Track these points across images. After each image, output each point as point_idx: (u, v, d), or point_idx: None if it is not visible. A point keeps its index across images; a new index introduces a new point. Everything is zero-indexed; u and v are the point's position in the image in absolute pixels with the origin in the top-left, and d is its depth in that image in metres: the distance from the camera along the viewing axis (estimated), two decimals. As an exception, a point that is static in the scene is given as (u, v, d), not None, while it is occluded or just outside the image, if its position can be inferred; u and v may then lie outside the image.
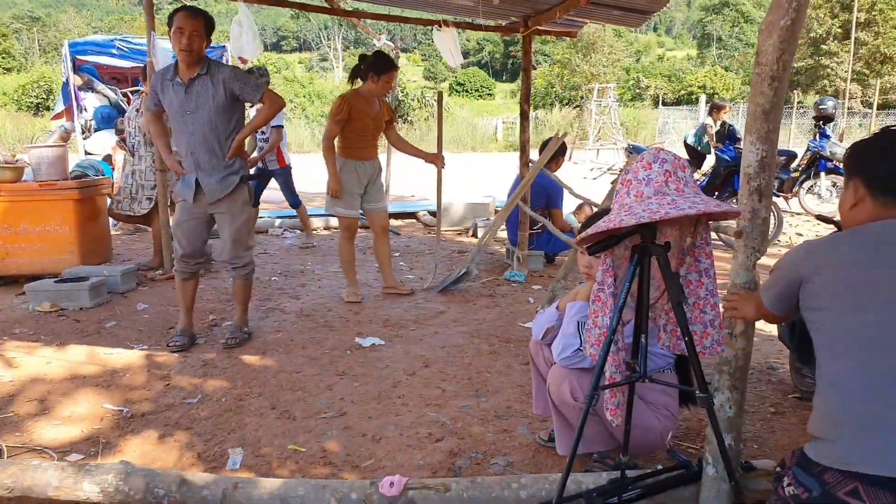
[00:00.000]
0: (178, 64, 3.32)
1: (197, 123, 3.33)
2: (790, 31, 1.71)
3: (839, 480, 1.30)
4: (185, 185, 3.46)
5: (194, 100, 3.30)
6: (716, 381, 1.95)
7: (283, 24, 75.16)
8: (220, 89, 3.32)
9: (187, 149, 3.39)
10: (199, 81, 3.30)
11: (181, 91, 3.31)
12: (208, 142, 3.36)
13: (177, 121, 3.36)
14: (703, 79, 40.67)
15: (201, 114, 3.32)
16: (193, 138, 3.35)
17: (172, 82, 3.33)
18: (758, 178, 1.82)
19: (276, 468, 2.37)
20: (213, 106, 3.32)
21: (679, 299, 1.49)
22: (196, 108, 3.31)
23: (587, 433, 2.16)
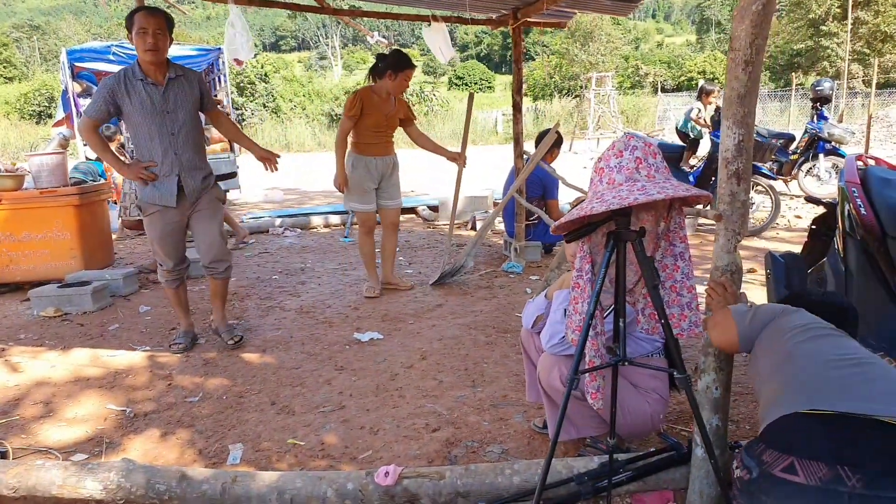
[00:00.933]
0: (140, 66, 3.21)
1: (178, 123, 3.28)
2: (762, 15, 1.73)
3: (776, 458, 1.30)
4: (162, 191, 3.30)
5: (172, 100, 3.25)
6: (702, 362, 1.98)
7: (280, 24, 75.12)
8: (196, 90, 3.35)
9: (167, 150, 3.27)
10: (177, 82, 3.28)
11: (157, 92, 3.21)
12: (193, 141, 3.35)
13: (150, 123, 3.22)
14: (703, 64, 40.47)
15: (182, 113, 3.29)
16: (177, 138, 3.28)
17: (144, 83, 3.20)
18: (735, 162, 1.84)
19: (275, 462, 2.42)
20: (192, 106, 3.34)
21: (654, 283, 1.53)
22: (175, 108, 3.26)
23: (578, 418, 2.20)
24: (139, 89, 3.19)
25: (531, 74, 39.16)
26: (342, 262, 5.81)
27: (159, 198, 3.30)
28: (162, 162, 3.28)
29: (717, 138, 7.33)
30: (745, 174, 1.87)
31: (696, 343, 3.27)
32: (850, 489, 1.17)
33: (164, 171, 3.29)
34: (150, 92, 3.20)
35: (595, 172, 1.56)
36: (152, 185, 3.29)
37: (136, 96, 3.19)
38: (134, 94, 3.19)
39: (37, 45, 56.99)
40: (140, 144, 3.29)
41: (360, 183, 4.41)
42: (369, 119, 4.29)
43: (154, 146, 3.26)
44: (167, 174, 3.29)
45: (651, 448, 2.26)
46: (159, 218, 3.34)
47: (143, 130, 3.24)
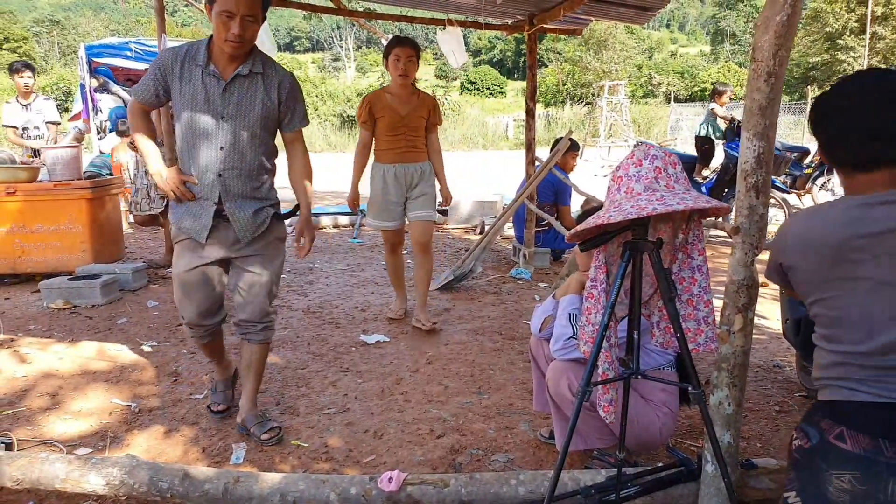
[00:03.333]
0: (210, 48, 2.38)
1: (235, 134, 2.38)
2: (786, 26, 1.70)
3: (831, 427, 1.41)
4: (194, 218, 2.44)
5: (236, 102, 2.37)
6: (714, 378, 1.95)
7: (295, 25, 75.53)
8: (274, 95, 2.43)
9: (208, 167, 2.40)
10: (248, 80, 2.39)
11: (216, 86, 2.35)
12: (248, 161, 2.42)
13: (198, 126, 2.37)
14: (717, 75, 40.34)
15: (243, 122, 2.38)
16: (226, 154, 2.39)
17: (205, 71, 2.36)
18: (755, 175, 1.82)
19: (278, 463, 2.40)
20: (260, 114, 2.41)
21: (671, 295, 1.50)
22: (236, 114, 2.37)
23: (587, 430, 2.17)
24: (195, 76, 2.36)
25: (543, 81, 39.17)
26: (350, 263, 5.80)
27: (187, 226, 2.46)
28: (202, 180, 2.42)
29: (730, 149, 7.29)
30: (764, 187, 1.85)
31: (706, 356, 3.23)
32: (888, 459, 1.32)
33: (201, 193, 2.43)
34: (208, 84, 2.36)
35: (613, 181, 1.53)
36: (186, 205, 2.46)
37: (189, 84, 2.37)
38: (187, 81, 2.37)
39: (56, 40, 57.57)
40: (181, 150, 2.45)
41: (376, 196, 3.86)
42: (383, 121, 3.77)
43: (195, 157, 2.41)
44: (204, 197, 2.43)
45: (659, 462, 2.23)
46: (186, 250, 2.49)
47: (186, 132, 2.40)
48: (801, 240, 1.47)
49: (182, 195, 2.42)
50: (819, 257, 1.41)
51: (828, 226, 1.41)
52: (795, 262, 1.47)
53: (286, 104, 2.47)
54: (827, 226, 1.41)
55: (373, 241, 6.83)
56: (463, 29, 5.47)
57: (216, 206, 2.42)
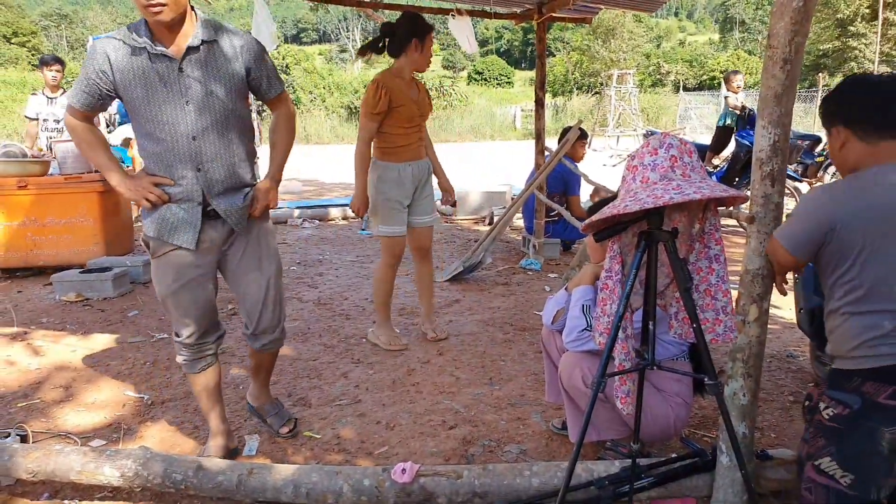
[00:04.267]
0: (147, 26, 1.97)
1: (206, 118, 2.02)
2: (802, 12, 1.67)
3: (878, 389, 1.52)
4: (176, 222, 2.09)
5: (196, 82, 1.99)
6: (729, 368, 1.93)
7: (302, 16, 75.34)
8: (239, 63, 2.07)
9: (184, 162, 2.04)
10: (204, 51, 2.00)
11: (170, 69, 1.97)
12: (228, 145, 2.09)
13: (160, 118, 2.00)
14: (726, 63, 39.97)
15: (213, 101, 2.02)
16: (201, 143, 2.03)
17: (151, 55, 1.96)
18: (770, 163, 1.79)
19: (291, 455, 2.41)
20: (229, 89, 2.05)
21: (687, 285, 1.48)
22: (203, 94, 2.01)
23: (599, 421, 2.16)
24: (141, 62, 1.96)
25: (551, 70, 38.93)
26: (360, 255, 5.80)
27: (170, 233, 2.09)
28: (178, 178, 2.06)
29: (742, 138, 7.22)
30: (779, 176, 1.82)
31: (719, 346, 3.21)
32: None
33: (180, 195, 2.08)
34: (159, 67, 1.97)
35: (628, 170, 1.51)
36: (163, 211, 2.09)
37: (138, 73, 1.96)
38: (134, 71, 1.96)
39: (64, 34, 57.71)
40: (146, 153, 2.08)
41: (389, 199, 3.30)
42: (400, 112, 3.19)
43: (164, 156, 2.04)
44: (185, 198, 2.08)
45: (673, 453, 2.22)
46: (171, 265, 2.13)
47: (147, 129, 2.03)
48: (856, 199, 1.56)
49: (158, 197, 2.05)
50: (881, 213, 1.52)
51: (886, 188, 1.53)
52: (848, 221, 1.53)
53: (256, 69, 2.11)
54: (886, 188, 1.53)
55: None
56: (472, 18, 5.43)
57: (201, 206, 2.09)
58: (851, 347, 1.56)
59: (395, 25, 3.25)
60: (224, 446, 2.37)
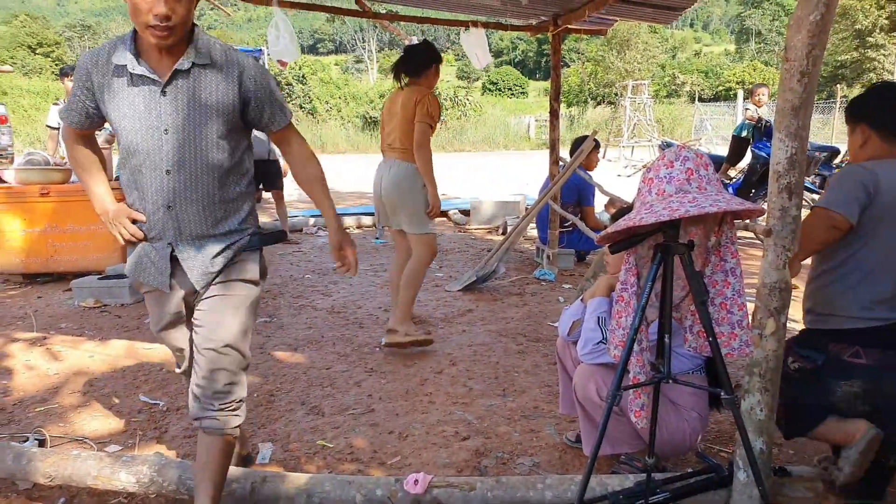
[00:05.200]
0: (136, 41, 1.77)
1: (182, 151, 1.77)
2: (820, 25, 1.67)
3: (842, 348, 1.91)
4: (150, 265, 1.89)
5: (178, 109, 1.75)
6: (746, 382, 1.91)
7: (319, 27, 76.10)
8: (234, 91, 1.81)
9: (155, 199, 1.81)
10: (194, 75, 1.76)
11: (151, 92, 1.75)
12: (204, 185, 1.82)
13: (137, 145, 1.77)
14: (742, 74, 39.80)
15: (193, 133, 1.77)
16: (174, 178, 1.79)
17: (132, 74, 1.75)
18: (787, 176, 1.78)
19: (304, 463, 2.41)
20: (216, 120, 1.79)
21: (703, 298, 1.48)
22: (182, 124, 1.76)
23: (614, 434, 2.15)
24: (122, 84, 1.77)
25: (566, 81, 38.96)
26: (373, 264, 5.82)
27: (142, 272, 1.91)
28: (150, 215, 1.84)
29: (758, 149, 7.18)
30: (797, 189, 1.81)
31: (735, 360, 3.18)
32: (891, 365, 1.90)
33: (153, 233, 1.86)
34: (141, 91, 1.76)
35: (644, 182, 1.52)
36: (139, 249, 1.90)
37: (119, 93, 1.77)
38: (115, 90, 1.78)
39: (87, 45, 58.72)
40: (125, 180, 1.87)
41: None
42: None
43: (140, 186, 1.82)
44: (158, 236, 1.86)
45: (688, 468, 2.21)
46: (154, 303, 1.99)
47: (126, 155, 1.82)
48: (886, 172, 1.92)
49: (132, 234, 1.85)
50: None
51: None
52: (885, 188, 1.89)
53: (257, 100, 1.85)
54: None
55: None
56: (486, 30, 5.46)
57: (170, 247, 1.85)
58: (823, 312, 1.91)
59: (419, 51, 3.61)
60: (237, 453, 2.29)
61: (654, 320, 1.71)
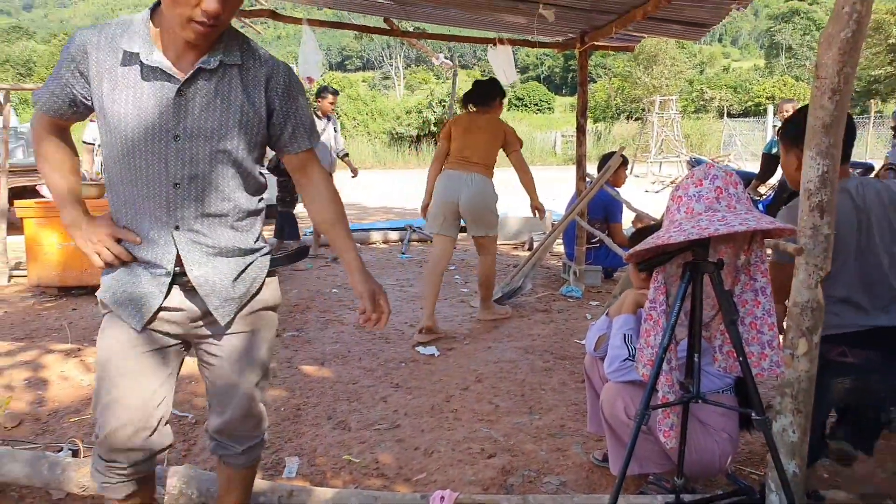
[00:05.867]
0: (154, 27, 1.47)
1: (197, 163, 1.50)
2: (851, 43, 1.66)
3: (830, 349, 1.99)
4: (131, 295, 1.57)
5: (198, 111, 1.48)
6: (778, 403, 1.88)
7: (347, 45, 77.25)
8: (261, 98, 1.54)
9: (159, 215, 1.52)
10: (218, 76, 1.49)
11: (165, 90, 1.46)
12: (219, 202, 1.55)
13: (139, 151, 1.48)
14: (772, 89, 39.29)
15: (211, 142, 1.50)
16: (185, 193, 1.51)
17: (144, 65, 1.45)
18: (819, 194, 1.76)
19: (330, 478, 2.42)
20: (238, 129, 1.52)
21: (732, 318, 1.46)
22: (199, 131, 1.48)
23: (642, 453, 2.12)
24: (129, 76, 1.46)
25: (593, 96, 38.90)
26: (400, 279, 5.85)
27: (119, 299, 1.59)
28: (144, 238, 1.54)
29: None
30: (828, 207, 1.79)
31: (765, 380, 3.12)
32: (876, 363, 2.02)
33: (147, 257, 1.55)
34: (152, 84, 1.46)
35: (672, 200, 1.51)
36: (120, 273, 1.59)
37: (122, 86, 1.46)
38: (118, 80, 1.46)
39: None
40: (112, 189, 1.56)
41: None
42: None
43: (134, 200, 1.52)
44: (152, 263, 1.55)
45: (718, 490, 2.17)
46: (122, 335, 1.61)
47: (119, 161, 1.50)
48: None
49: (117, 256, 1.55)
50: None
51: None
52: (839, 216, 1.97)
53: (282, 111, 1.58)
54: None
55: (421, 257, 6.87)
56: (513, 47, 5.50)
57: (170, 276, 1.54)
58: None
59: (487, 86, 4.41)
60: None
61: (683, 339, 1.69)
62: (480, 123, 4.24)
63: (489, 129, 4.22)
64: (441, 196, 4.22)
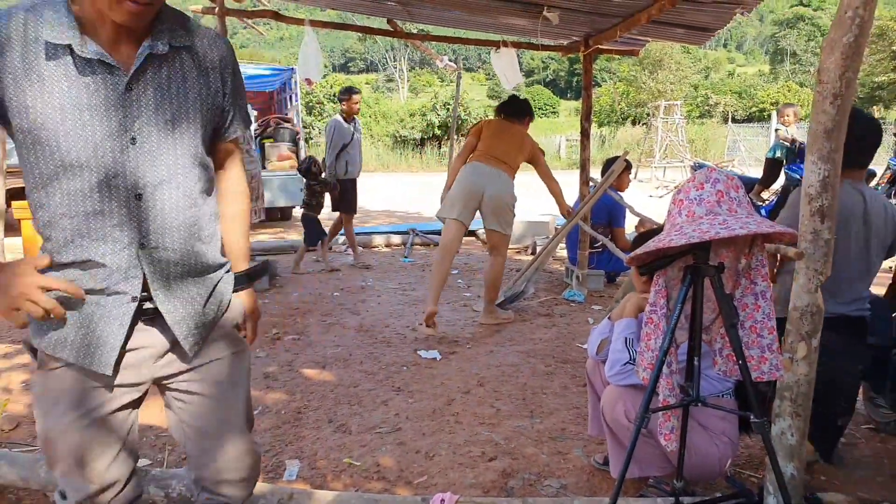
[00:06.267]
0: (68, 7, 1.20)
1: (159, 167, 1.28)
2: (853, 48, 1.66)
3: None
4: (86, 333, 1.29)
5: (152, 110, 1.26)
6: (777, 406, 1.88)
7: (350, 46, 77.41)
8: (216, 83, 1.37)
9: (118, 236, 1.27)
10: (169, 63, 1.29)
11: (110, 86, 1.22)
12: (189, 210, 1.34)
13: (82, 161, 1.22)
14: (776, 95, 39.22)
15: (171, 142, 1.29)
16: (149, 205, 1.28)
17: (79, 59, 1.20)
18: (820, 199, 1.77)
19: (330, 481, 2.42)
20: (197, 123, 1.34)
21: (733, 321, 1.46)
22: (159, 130, 1.28)
23: (642, 456, 2.12)
24: (59, 72, 1.20)
25: (597, 101, 38.86)
26: (402, 282, 5.85)
27: (66, 343, 1.29)
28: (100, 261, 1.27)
29: (792, 171, 7.07)
30: (829, 212, 1.79)
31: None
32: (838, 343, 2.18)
33: (106, 284, 1.28)
34: (93, 83, 1.21)
35: (674, 204, 1.52)
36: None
37: (47, 90, 1.20)
38: (39, 83, 1.20)
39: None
40: (48, 216, 1.27)
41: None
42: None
43: (85, 223, 1.25)
44: (111, 290, 1.29)
45: (717, 493, 2.17)
46: (65, 388, 1.32)
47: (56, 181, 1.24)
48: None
49: (48, 313, 1.19)
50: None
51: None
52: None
53: (231, 94, 1.40)
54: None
55: (424, 261, 6.87)
56: (517, 50, 5.51)
57: (136, 302, 1.29)
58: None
59: (521, 104, 4.75)
60: None
61: (684, 342, 1.69)
62: (512, 130, 4.54)
63: (518, 138, 4.52)
64: (466, 184, 4.35)
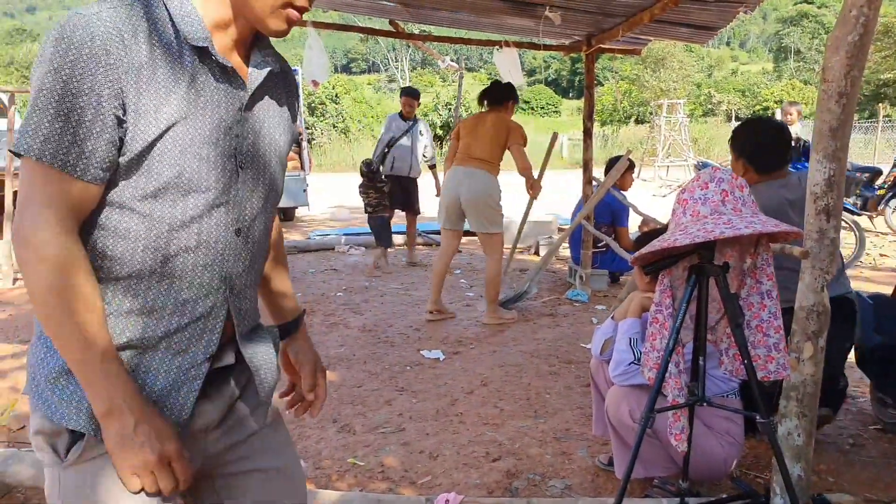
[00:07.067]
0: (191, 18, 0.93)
1: (256, 198, 1.05)
2: (858, 46, 1.66)
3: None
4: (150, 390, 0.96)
5: (257, 131, 1.04)
6: (783, 407, 1.87)
7: (352, 47, 77.48)
8: (293, 111, 1.17)
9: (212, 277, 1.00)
10: (271, 83, 1.07)
11: (233, 100, 0.98)
12: (265, 246, 1.13)
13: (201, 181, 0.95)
14: (780, 93, 39.11)
15: (266, 172, 1.07)
16: (244, 241, 1.04)
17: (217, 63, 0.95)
18: (825, 198, 1.76)
19: (335, 481, 2.42)
20: (285, 151, 1.13)
21: (738, 321, 1.46)
22: (256, 156, 1.04)
23: (647, 456, 2.12)
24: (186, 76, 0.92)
25: (600, 100, 38.80)
26: (405, 282, 5.85)
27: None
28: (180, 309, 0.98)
29: (795, 169, 7.05)
30: (835, 211, 1.79)
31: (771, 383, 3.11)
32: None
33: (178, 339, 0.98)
34: (225, 97, 0.97)
35: (678, 203, 1.51)
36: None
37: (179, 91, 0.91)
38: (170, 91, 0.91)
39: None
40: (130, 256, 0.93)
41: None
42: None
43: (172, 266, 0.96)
44: (183, 347, 0.99)
45: (723, 493, 2.16)
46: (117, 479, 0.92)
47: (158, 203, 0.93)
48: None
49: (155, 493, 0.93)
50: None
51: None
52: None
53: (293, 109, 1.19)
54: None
55: (426, 261, 6.87)
56: (519, 49, 5.50)
57: (209, 361, 1.02)
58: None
59: (502, 88, 4.56)
60: None
61: (689, 342, 1.69)
62: (487, 122, 4.42)
63: (495, 127, 4.38)
64: (445, 192, 4.48)
